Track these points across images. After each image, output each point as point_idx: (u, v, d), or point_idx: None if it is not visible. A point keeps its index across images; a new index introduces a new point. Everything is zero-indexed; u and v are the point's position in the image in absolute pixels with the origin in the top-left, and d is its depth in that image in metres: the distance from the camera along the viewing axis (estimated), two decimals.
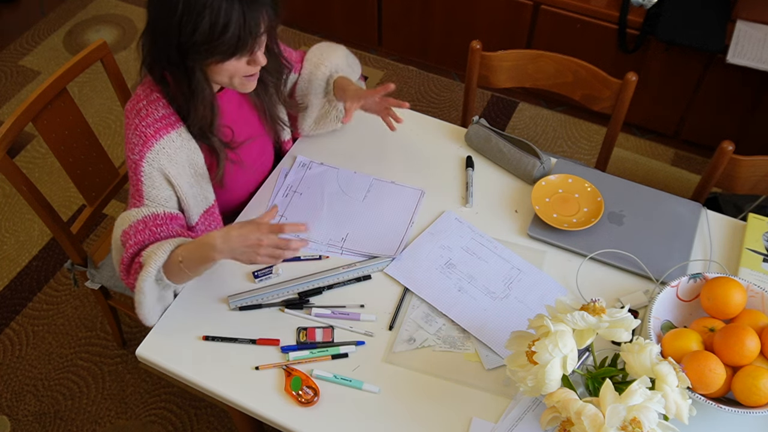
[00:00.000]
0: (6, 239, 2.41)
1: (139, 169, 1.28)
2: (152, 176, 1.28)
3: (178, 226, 1.31)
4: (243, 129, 1.45)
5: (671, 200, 1.48)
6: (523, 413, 1.19)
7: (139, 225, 1.27)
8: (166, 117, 1.29)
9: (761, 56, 2.09)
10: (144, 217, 1.28)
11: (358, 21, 2.86)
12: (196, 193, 1.35)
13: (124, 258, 1.27)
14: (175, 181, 1.30)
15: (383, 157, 1.60)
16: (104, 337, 2.16)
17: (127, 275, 1.28)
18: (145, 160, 1.27)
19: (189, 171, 1.33)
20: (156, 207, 1.29)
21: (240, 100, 1.44)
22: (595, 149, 2.63)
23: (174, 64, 1.22)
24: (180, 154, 1.31)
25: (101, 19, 3.21)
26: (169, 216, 1.30)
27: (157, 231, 1.27)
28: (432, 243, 1.43)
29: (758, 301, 1.24)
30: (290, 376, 1.23)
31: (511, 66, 1.79)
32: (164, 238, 1.27)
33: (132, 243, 1.26)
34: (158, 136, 1.28)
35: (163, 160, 1.28)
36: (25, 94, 2.89)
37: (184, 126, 1.31)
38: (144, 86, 1.31)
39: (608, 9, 2.30)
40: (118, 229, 1.31)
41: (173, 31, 1.17)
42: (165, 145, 1.28)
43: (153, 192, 1.29)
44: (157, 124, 1.28)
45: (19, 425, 1.99)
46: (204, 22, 1.14)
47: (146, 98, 1.29)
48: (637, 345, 1.09)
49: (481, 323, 1.30)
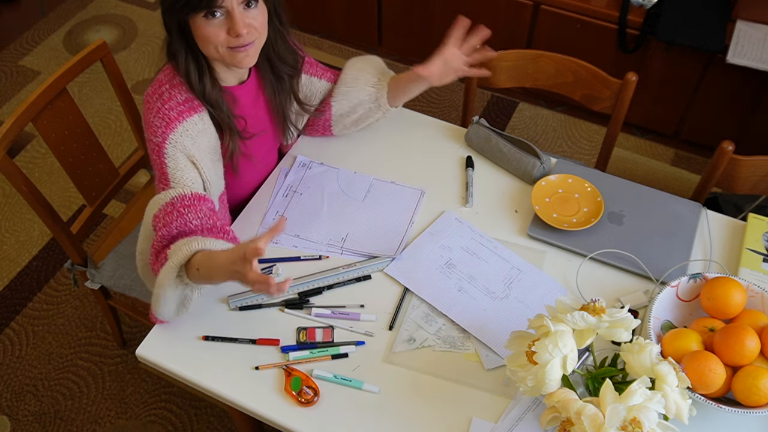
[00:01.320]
0: (6, 239, 2.41)
1: (162, 151, 1.27)
2: (176, 157, 1.27)
3: (207, 208, 1.27)
4: (255, 123, 1.45)
5: (671, 200, 1.48)
6: (523, 413, 1.19)
7: (168, 207, 1.24)
8: (189, 101, 1.30)
9: (761, 56, 2.09)
10: (171, 199, 1.24)
11: (358, 21, 2.86)
12: (212, 177, 1.35)
13: (154, 243, 1.25)
14: (198, 163, 1.29)
15: (383, 157, 1.60)
16: (104, 337, 2.16)
17: (155, 261, 1.25)
18: (168, 142, 1.27)
19: (209, 156, 1.33)
20: (183, 188, 1.26)
21: (257, 94, 1.44)
22: (595, 149, 2.63)
23: (170, 32, 1.26)
24: (202, 137, 1.31)
25: (101, 19, 3.21)
26: (197, 196, 1.26)
27: (185, 212, 1.23)
28: (432, 243, 1.43)
29: (758, 301, 1.24)
30: (290, 376, 1.23)
31: (511, 66, 1.79)
32: (193, 221, 1.24)
33: (161, 226, 1.23)
34: (181, 118, 1.28)
35: (186, 142, 1.28)
36: (25, 94, 2.89)
37: (206, 111, 1.32)
38: (166, 72, 1.32)
39: (608, 9, 2.30)
40: (149, 214, 1.28)
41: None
42: (188, 127, 1.28)
43: (178, 174, 1.27)
44: (179, 107, 1.28)
45: (19, 425, 1.99)
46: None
47: (169, 82, 1.31)
48: (637, 345, 1.09)
49: (481, 323, 1.30)
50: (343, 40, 3.04)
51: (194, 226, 1.24)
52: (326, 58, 2.97)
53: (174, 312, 1.27)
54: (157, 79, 1.33)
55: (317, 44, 3.04)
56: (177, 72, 1.31)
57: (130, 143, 2.69)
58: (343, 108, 1.55)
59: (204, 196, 1.28)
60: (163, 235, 1.23)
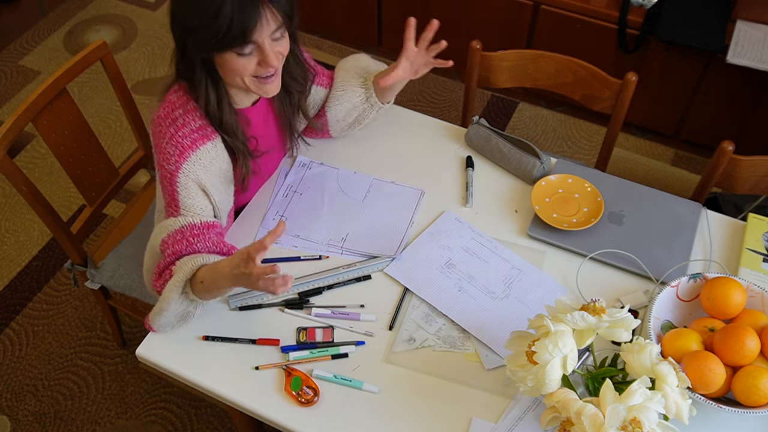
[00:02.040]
0: (6, 239, 2.41)
1: (175, 179, 1.27)
2: (188, 187, 1.28)
3: (215, 234, 1.29)
4: (266, 141, 1.46)
5: (671, 200, 1.48)
6: (523, 413, 1.19)
7: (177, 235, 1.26)
8: (203, 128, 1.29)
9: (761, 56, 2.09)
10: (181, 227, 1.27)
11: (358, 21, 2.86)
12: (223, 199, 1.35)
13: (160, 264, 1.27)
14: (209, 190, 1.30)
15: (383, 157, 1.60)
16: (104, 337, 2.16)
17: (158, 278, 1.27)
18: (182, 171, 1.26)
19: (220, 179, 1.33)
20: (193, 216, 1.28)
21: (267, 113, 1.45)
22: (595, 149, 2.63)
23: (191, 62, 1.23)
24: (214, 164, 1.31)
25: (101, 19, 3.21)
26: (206, 225, 1.28)
27: (194, 241, 1.26)
28: (432, 243, 1.43)
29: (758, 301, 1.24)
30: (290, 376, 1.23)
31: (511, 66, 1.79)
32: (201, 251, 1.26)
33: (170, 252, 1.26)
34: (195, 146, 1.27)
35: (198, 171, 1.28)
36: (25, 94, 2.89)
37: (219, 137, 1.31)
38: (178, 94, 1.30)
39: (608, 9, 2.30)
40: (158, 238, 1.29)
41: (182, 19, 1.19)
42: (201, 156, 1.28)
43: (189, 202, 1.28)
44: (193, 135, 1.27)
45: (19, 425, 1.99)
46: (201, 3, 1.14)
47: (182, 107, 1.28)
48: (637, 345, 1.09)
49: (481, 323, 1.30)
50: (343, 40, 3.03)
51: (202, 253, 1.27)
52: (326, 58, 2.98)
53: (172, 326, 1.30)
54: (168, 100, 1.31)
55: (317, 44, 3.04)
56: (192, 98, 1.29)
57: (130, 143, 2.69)
58: (338, 113, 1.55)
59: (212, 224, 1.30)
60: (171, 260, 1.26)
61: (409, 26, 1.42)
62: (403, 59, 1.44)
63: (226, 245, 1.30)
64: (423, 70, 1.48)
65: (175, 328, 1.31)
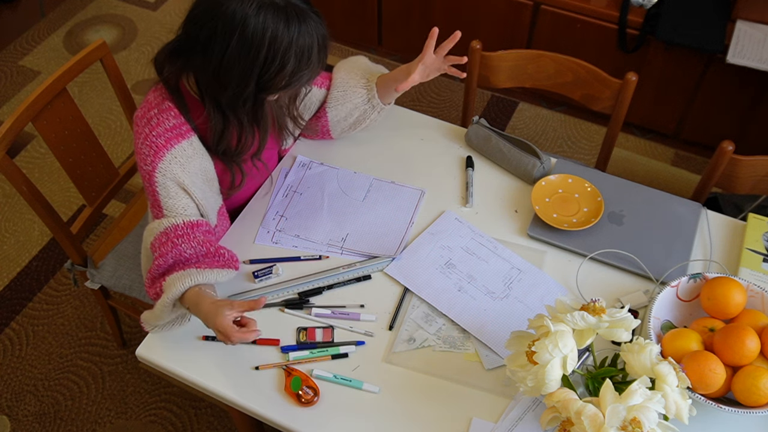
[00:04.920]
0: (6, 239, 2.41)
1: (153, 179, 1.27)
2: (167, 186, 1.28)
3: (201, 233, 1.29)
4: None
5: (671, 200, 1.48)
6: (523, 413, 1.19)
7: (162, 237, 1.27)
8: (177, 127, 1.28)
9: (761, 56, 2.09)
10: (165, 229, 1.27)
11: (358, 21, 2.86)
12: (207, 197, 1.35)
13: (151, 269, 1.27)
14: (189, 189, 1.30)
15: (383, 157, 1.60)
16: (104, 337, 2.16)
17: (151, 286, 1.28)
18: (158, 171, 1.26)
19: (201, 177, 1.33)
20: (176, 217, 1.28)
21: None
22: (595, 149, 2.63)
23: (244, 98, 1.22)
24: (192, 162, 1.30)
25: (101, 19, 3.21)
26: (190, 224, 1.28)
27: (179, 242, 1.26)
28: (432, 243, 1.43)
29: (758, 301, 1.24)
30: (290, 376, 1.23)
31: (511, 66, 1.79)
32: (187, 251, 1.27)
33: (158, 255, 1.27)
34: (169, 145, 1.27)
35: (175, 169, 1.27)
36: (25, 94, 2.89)
37: (195, 135, 1.31)
38: (156, 94, 1.30)
39: (608, 9, 2.30)
40: (147, 240, 1.31)
41: (254, 70, 1.17)
42: (177, 154, 1.27)
43: (170, 202, 1.28)
44: (167, 134, 1.27)
45: (19, 425, 1.99)
46: (290, 61, 1.17)
47: (157, 107, 1.28)
48: (637, 345, 1.09)
49: (481, 323, 1.30)
50: (343, 40, 3.03)
51: (189, 255, 1.28)
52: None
53: (169, 328, 1.31)
54: (146, 100, 1.31)
55: None
56: (168, 98, 1.28)
57: (130, 143, 2.69)
58: (339, 114, 1.55)
59: (197, 223, 1.29)
60: (160, 264, 1.26)
61: (432, 36, 1.43)
62: (420, 65, 1.44)
63: (214, 245, 1.29)
64: (433, 74, 1.49)
65: (173, 328, 1.31)
